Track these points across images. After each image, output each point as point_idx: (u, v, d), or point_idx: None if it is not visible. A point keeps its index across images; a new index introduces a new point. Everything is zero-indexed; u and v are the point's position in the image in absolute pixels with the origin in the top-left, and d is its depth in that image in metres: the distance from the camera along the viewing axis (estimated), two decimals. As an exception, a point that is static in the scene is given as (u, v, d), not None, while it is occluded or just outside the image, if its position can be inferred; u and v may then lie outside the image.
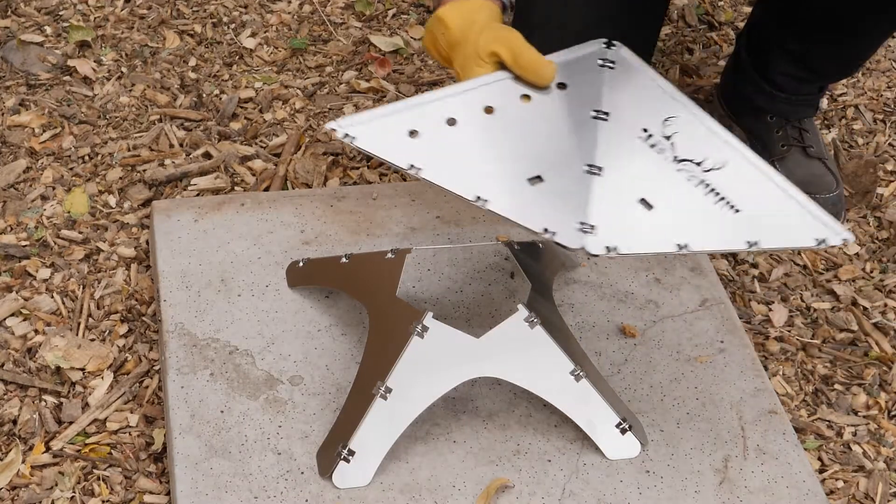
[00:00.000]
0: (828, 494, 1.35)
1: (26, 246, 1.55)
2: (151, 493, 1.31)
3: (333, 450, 1.25)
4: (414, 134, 1.19)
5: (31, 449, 1.34)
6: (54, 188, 1.63)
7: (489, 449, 1.30)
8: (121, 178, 1.65)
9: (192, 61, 1.85)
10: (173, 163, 1.68)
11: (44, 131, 1.71)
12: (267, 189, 1.65)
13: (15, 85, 1.78)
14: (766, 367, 1.48)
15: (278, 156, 1.70)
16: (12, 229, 1.57)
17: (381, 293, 1.31)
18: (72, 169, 1.66)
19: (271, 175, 1.66)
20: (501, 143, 1.22)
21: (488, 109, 1.24)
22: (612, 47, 1.30)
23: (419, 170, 1.16)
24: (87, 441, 1.35)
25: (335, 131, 1.16)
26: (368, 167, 1.69)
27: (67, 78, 1.80)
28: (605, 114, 1.26)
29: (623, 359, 1.40)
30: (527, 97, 1.25)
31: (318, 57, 1.88)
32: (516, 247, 1.40)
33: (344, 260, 1.39)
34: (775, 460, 1.31)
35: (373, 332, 1.30)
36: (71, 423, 1.36)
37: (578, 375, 1.26)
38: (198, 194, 1.63)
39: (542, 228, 1.16)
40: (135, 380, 1.41)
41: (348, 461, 1.24)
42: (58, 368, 1.41)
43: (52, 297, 1.49)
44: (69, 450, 1.34)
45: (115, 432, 1.36)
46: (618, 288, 1.48)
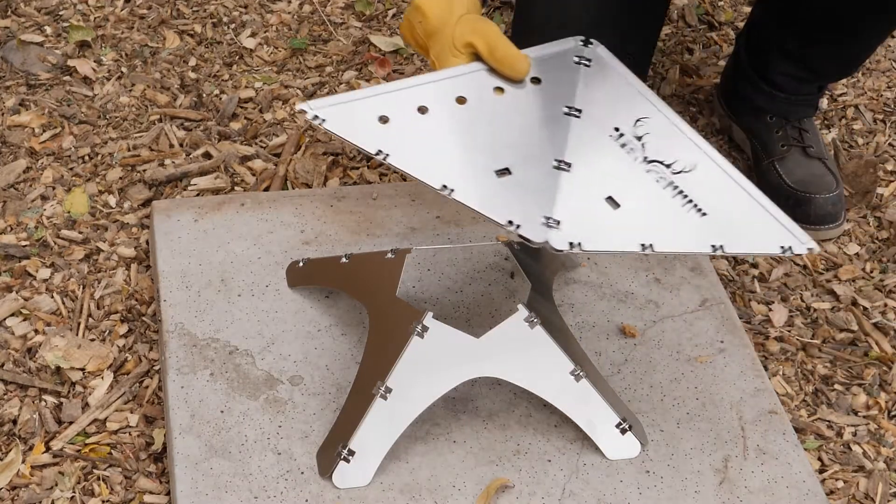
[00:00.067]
0: (828, 494, 1.35)
1: (26, 246, 1.55)
2: (151, 493, 1.31)
3: (333, 450, 1.25)
4: (384, 120, 1.19)
5: (31, 449, 1.34)
6: (54, 188, 1.63)
7: (489, 449, 1.30)
8: (121, 178, 1.65)
9: (192, 61, 1.85)
10: (173, 163, 1.68)
11: (44, 131, 1.71)
12: (267, 189, 1.65)
13: (15, 85, 1.78)
14: (766, 367, 1.48)
15: (278, 156, 1.70)
16: (12, 229, 1.57)
17: (381, 293, 1.31)
18: (72, 169, 1.66)
19: (271, 175, 1.66)
20: (471, 134, 1.22)
21: (460, 100, 1.23)
22: (589, 45, 1.30)
23: (387, 155, 1.16)
24: (87, 441, 1.35)
25: (305, 112, 1.16)
26: (368, 167, 1.69)
27: (67, 78, 1.80)
28: (577, 111, 1.26)
29: (623, 359, 1.40)
30: (500, 90, 1.25)
31: (318, 57, 1.88)
32: (516, 247, 1.40)
33: (344, 260, 1.39)
34: (775, 460, 1.31)
35: (373, 332, 1.30)
36: (71, 423, 1.36)
37: (578, 375, 1.26)
38: (198, 194, 1.63)
39: (507, 221, 1.15)
40: (135, 380, 1.41)
41: (348, 461, 1.24)
42: (58, 368, 1.41)
43: (52, 297, 1.49)
44: (69, 450, 1.34)
45: (115, 432, 1.36)
46: (618, 288, 1.48)
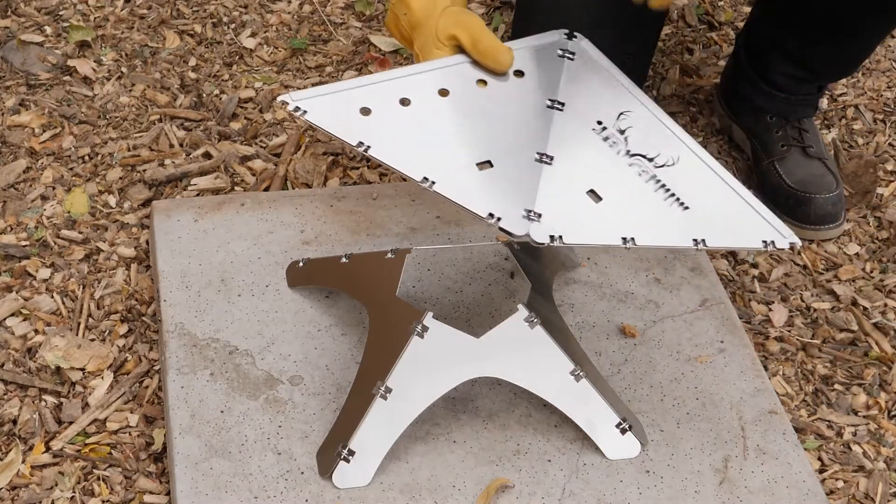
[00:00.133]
0: (828, 494, 1.34)
1: (26, 246, 1.55)
2: (151, 493, 1.31)
3: (333, 450, 1.25)
4: (366, 112, 1.19)
5: (31, 449, 1.34)
6: (54, 188, 1.63)
7: (489, 449, 1.30)
8: (121, 178, 1.65)
9: (192, 61, 1.85)
10: (173, 163, 1.68)
11: (44, 131, 1.71)
12: (267, 189, 1.65)
13: (15, 85, 1.78)
14: (766, 367, 1.48)
15: (278, 156, 1.70)
16: (12, 229, 1.57)
17: (381, 293, 1.31)
18: (72, 169, 1.66)
19: (271, 175, 1.66)
20: (453, 127, 1.22)
21: (443, 92, 1.23)
22: (573, 38, 1.30)
23: (368, 147, 1.16)
24: (87, 441, 1.35)
25: (287, 104, 1.16)
26: (368, 167, 1.69)
27: (67, 78, 1.80)
28: (560, 104, 1.26)
29: (623, 359, 1.40)
30: (483, 82, 1.25)
31: (318, 57, 1.88)
32: (516, 247, 1.40)
33: (344, 260, 1.39)
34: (775, 460, 1.31)
35: (373, 332, 1.30)
36: (71, 423, 1.36)
37: (578, 375, 1.26)
38: (198, 194, 1.63)
39: (488, 213, 1.15)
40: (135, 380, 1.41)
41: (348, 461, 1.24)
42: (58, 368, 1.41)
43: (52, 297, 1.49)
44: (69, 450, 1.34)
45: (115, 432, 1.36)
46: (618, 288, 1.48)
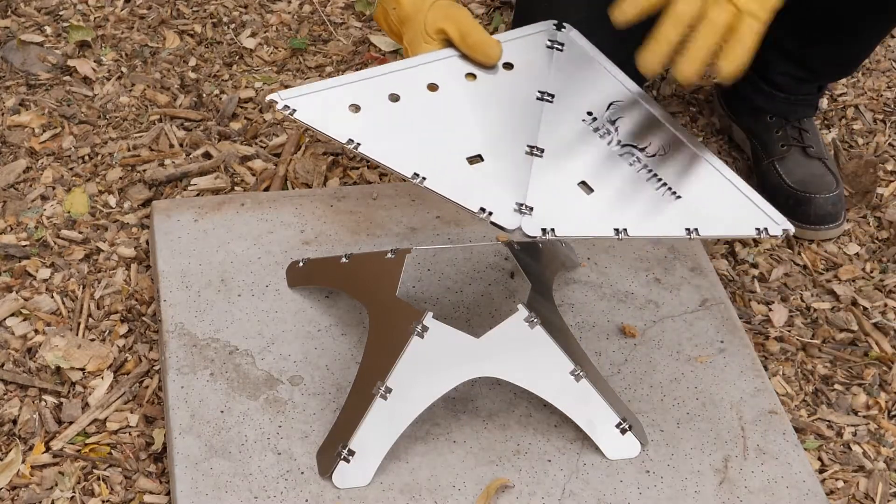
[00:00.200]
0: (828, 494, 1.34)
1: (26, 246, 1.55)
2: (151, 493, 1.31)
3: (333, 450, 1.25)
4: (355, 108, 1.19)
5: (31, 449, 1.34)
6: (54, 188, 1.63)
7: (489, 449, 1.30)
8: (121, 178, 1.65)
9: (192, 61, 1.85)
10: (173, 163, 1.68)
11: (44, 131, 1.71)
12: (267, 189, 1.65)
13: (15, 85, 1.78)
14: (766, 367, 1.48)
15: (278, 156, 1.70)
16: (12, 229, 1.57)
17: (381, 293, 1.31)
18: (72, 169, 1.66)
19: (271, 175, 1.66)
20: (443, 121, 1.21)
21: (432, 87, 1.23)
22: (561, 29, 1.30)
23: (358, 144, 1.15)
24: (87, 441, 1.35)
25: (275, 103, 1.16)
26: (368, 167, 1.69)
27: (67, 78, 1.80)
28: (550, 95, 1.25)
29: (623, 359, 1.40)
30: (472, 76, 1.25)
31: (318, 57, 1.88)
32: (516, 247, 1.40)
33: (344, 260, 1.39)
34: (775, 460, 1.31)
35: (373, 332, 1.30)
36: (71, 423, 1.36)
37: (578, 375, 1.26)
38: (198, 194, 1.63)
39: (479, 208, 1.15)
40: (135, 380, 1.41)
41: (348, 461, 1.24)
42: (58, 368, 1.41)
43: (52, 297, 1.49)
44: (69, 450, 1.34)
45: (115, 432, 1.36)
46: (618, 288, 1.48)
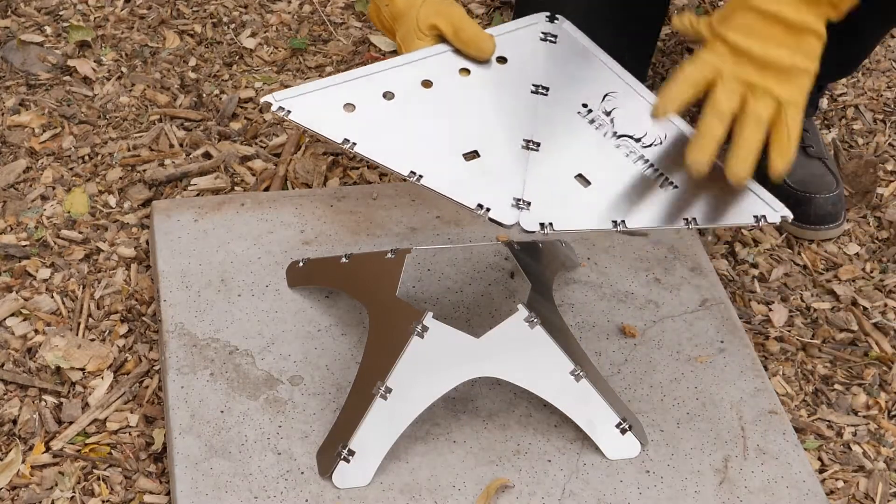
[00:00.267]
0: (828, 494, 1.34)
1: (26, 246, 1.55)
2: (151, 493, 1.31)
3: (333, 450, 1.25)
4: (350, 108, 1.19)
5: (31, 449, 1.34)
6: (54, 188, 1.63)
7: (489, 449, 1.30)
8: (121, 178, 1.65)
9: (192, 61, 1.85)
10: (173, 163, 1.68)
11: (44, 131, 1.71)
12: (267, 189, 1.65)
13: (15, 85, 1.78)
14: (766, 367, 1.48)
15: (278, 156, 1.70)
16: (12, 229, 1.57)
17: (381, 293, 1.31)
18: (72, 169, 1.66)
19: (271, 175, 1.66)
20: (438, 118, 1.21)
21: (426, 83, 1.23)
22: (554, 21, 1.29)
23: (353, 144, 1.15)
24: (87, 441, 1.35)
25: (270, 105, 1.16)
26: (368, 167, 1.69)
27: (67, 78, 1.80)
28: (544, 88, 1.25)
29: (623, 359, 1.40)
30: (466, 71, 1.25)
31: (318, 57, 1.88)
32: (516, 247, 1.40)
33: (344, 260, 1.39)
34: (775, 460, 1.31)
35: (373, 332, 1.30)
36: (71, 423, 1.36)
37: (578, 375, 1.26)
38: (198, 194, 1.63)
39: (477, 205, 1.15)
40: (135, 380, 1.41)
41: (348, 461, 1.24)
42: (58, 368, 1.41)
43: (52, 297, 1.49)
44: (69, 450, 1.34)
45: (115, 432, 1.36)
46: (618, 288, 1.47)
